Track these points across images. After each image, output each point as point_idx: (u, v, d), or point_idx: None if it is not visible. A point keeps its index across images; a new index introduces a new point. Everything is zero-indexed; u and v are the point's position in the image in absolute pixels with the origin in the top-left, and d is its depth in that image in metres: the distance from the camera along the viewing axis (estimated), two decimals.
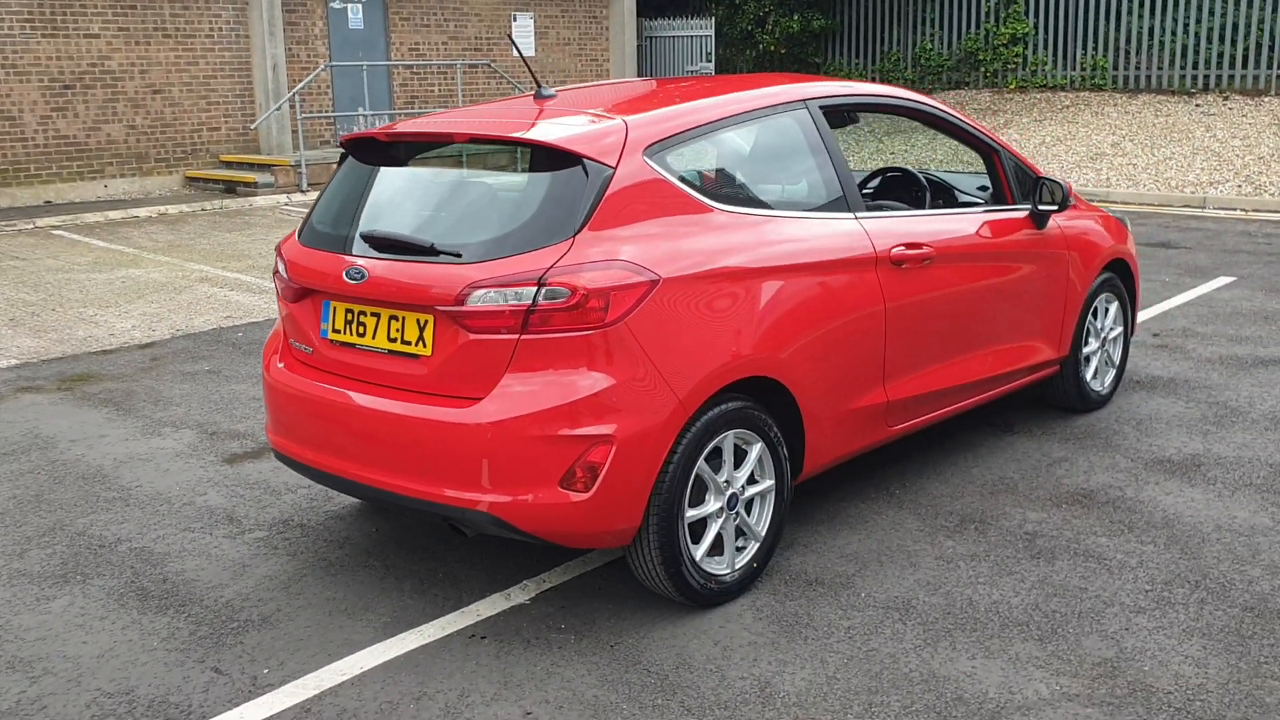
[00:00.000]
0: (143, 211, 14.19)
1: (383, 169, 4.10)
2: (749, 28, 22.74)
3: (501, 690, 3.44)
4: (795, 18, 21.81)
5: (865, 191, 5.68)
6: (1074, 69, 19.40)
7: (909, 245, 4.49)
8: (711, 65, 22.59)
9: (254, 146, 16.70)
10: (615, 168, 3.69)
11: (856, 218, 4.36)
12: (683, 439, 3.67)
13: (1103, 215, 5.85)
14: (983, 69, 20.23)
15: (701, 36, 22.69)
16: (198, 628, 3.88)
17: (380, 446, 3.75)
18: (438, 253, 3.65)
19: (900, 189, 5.58)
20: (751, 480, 4.00)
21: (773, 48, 22.26)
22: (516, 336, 3.51)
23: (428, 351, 3.67)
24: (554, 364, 3.52)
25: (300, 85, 16.03)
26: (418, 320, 3.69)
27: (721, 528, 3.90)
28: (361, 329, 3.86)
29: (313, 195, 15.41)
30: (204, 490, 5.14)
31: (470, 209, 3.79)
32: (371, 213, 3.97)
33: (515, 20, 19.60)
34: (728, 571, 3.92)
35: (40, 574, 4.32)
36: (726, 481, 3.88)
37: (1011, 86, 19.78)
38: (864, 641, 3.66)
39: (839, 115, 4.72)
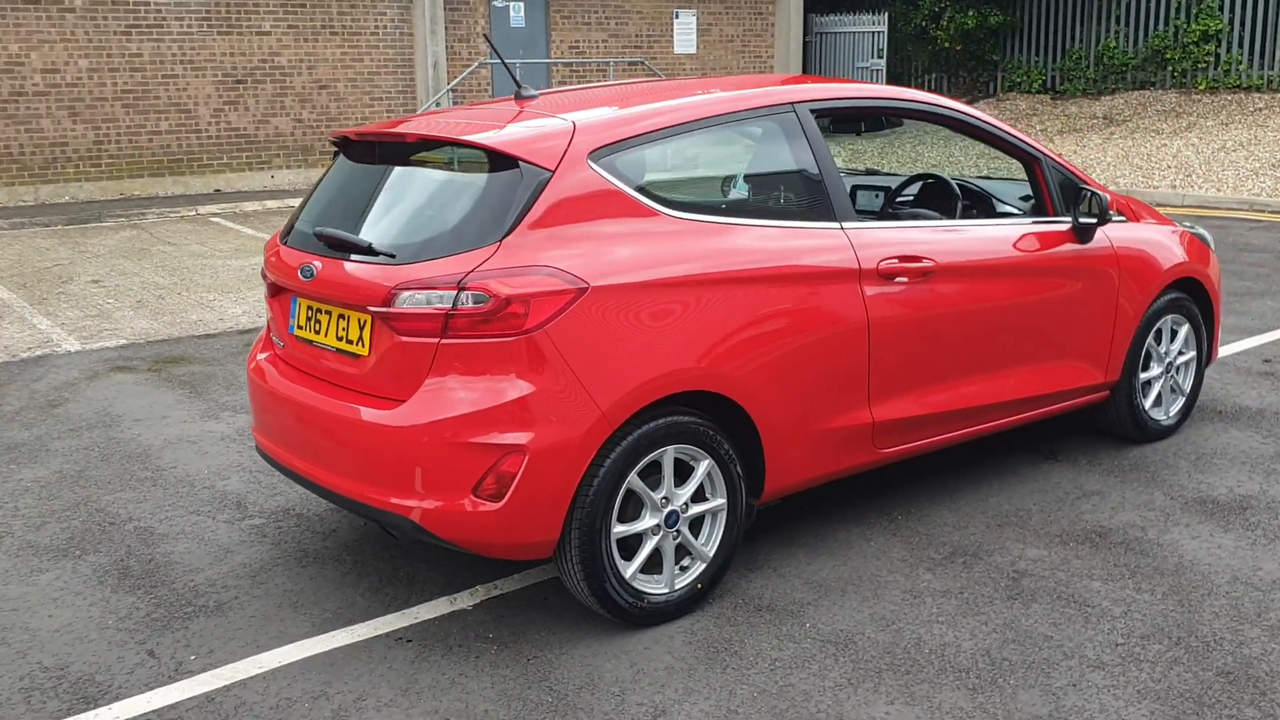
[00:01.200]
0: (274, 203, 14.83)
1: (357, 168, 4.13)
2: (924, 24, 22.07)
3: (398, 697, 3.42)
4: (971, 13, 21.03)
5: (903, 199, 5.40)
6: (1272, 68, 18.03)
7: (904, 258, 4.24)
8: (883, 63, 22.04)
9: None
10: (554, 171, 3.61)
11: (843, 228, 4.14)
12: (610, 452, 3.56)
13: (1176, 231, 5.39)
14: (1170, 68, 19.04)
15: (873, 33, 22.16)
16: (155, 610, 4.00)
17: (322, 444, 3.79)
18: (376, 253, 3.66)
19: (937, 198, 5.27)
20: (700, 498, 3.85)
21: (948, 44, 21.54)
22: (437, 340, 3.48)
23: (365, 352, 3.68)
24: (472, 370, 3.48)
25: (454, 82, 16.46)
26: (359, 320, 3.71)
27: (659, 545, 3.77)
28: (318, 326, 3.91)
29: None
30: (228, 475, 5.32)
31: (413, 210, 3.78)
32: (331, 211, 4.01)
33: (678, 17, 19.59)
34: (664, 591, 3.79)
35: (47, 547, 4.55)
36: (665, 498, 3.75)
37: (1201, 87, 18.54)
38: (784, 675, 3.47)
39: (852, 119, 4.49)
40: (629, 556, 3.73)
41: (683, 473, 3.81)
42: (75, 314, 8.73)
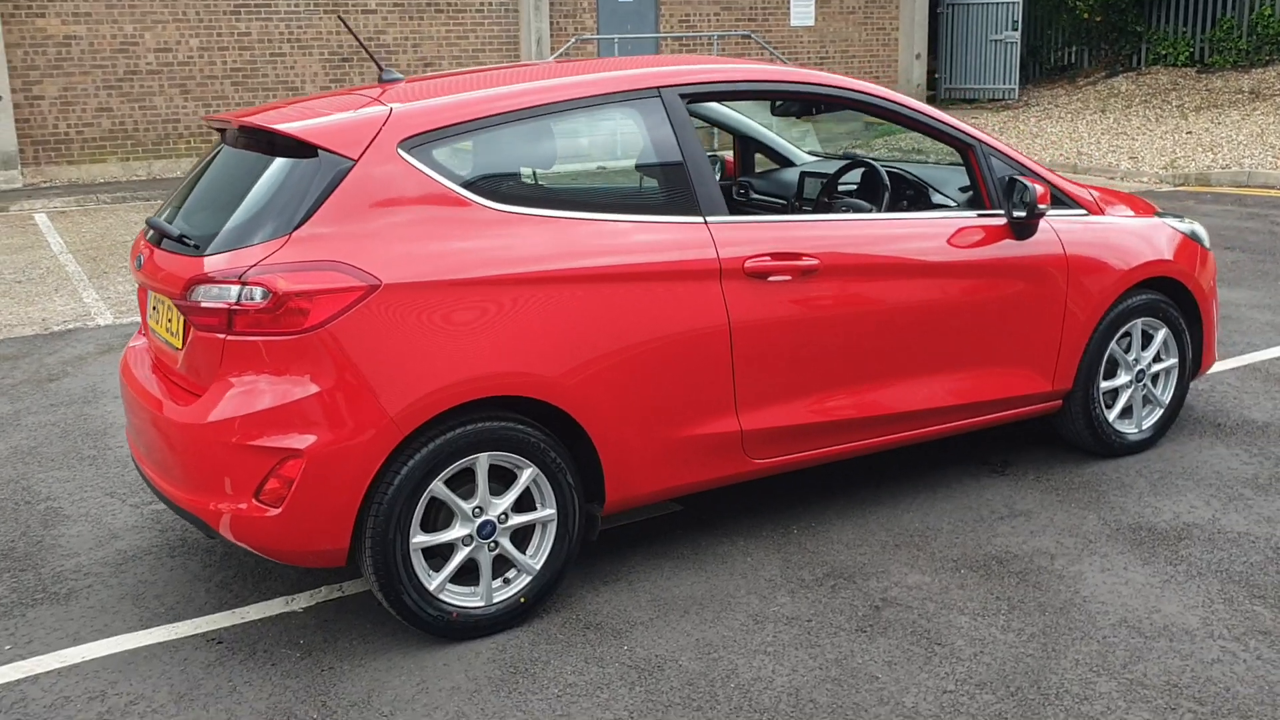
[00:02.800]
0: None
1: (217, 153, 4.04)
2: None
3: (170, 703, 3.34)
4: None
5: (845, 186, 5.01)
6: None
7: (779, 255, 3.91)
8: (1017, 35, 20.96)
9: None
10: (356, 160, 3.44)
11: (706, 222, 3.84)
12: (406, 459, 3.39)
13: (1157, 226, 4.86)
14: None
15: (1008, 4, 21.08)
16: (8, 594, 4.03)
17: (146, 438, 3.74)
18: (185, 243, 3.56)
19: (871, 187, 4.88)
20: (527, 507, 3.64)
21: (1087, 15, 20.32)
22: (225, 336, 3.36)
23: (180, 345, 3.60)
24: (255, 368, 3.35)
25: (553, 57, 16.37)
26: (178, 312, 3.63)
27: (475, 557, 3.58)
28: (158, 317, 3.85)
29: None
30: None
31: (225, 200, 3.65)
32: (191, 198, 3.93)
33: None
34: (480, 605, 3.60)
35: None
36: (479, 507, 3.55)
37: None
38: (568, 704, 3.25)
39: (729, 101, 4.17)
40: (441, 567, 3.55)
41: (505, 481, 3.61)
42: (126, 289, 9.01)
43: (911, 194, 4.82)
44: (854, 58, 19.79)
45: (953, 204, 4.68)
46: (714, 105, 5.54)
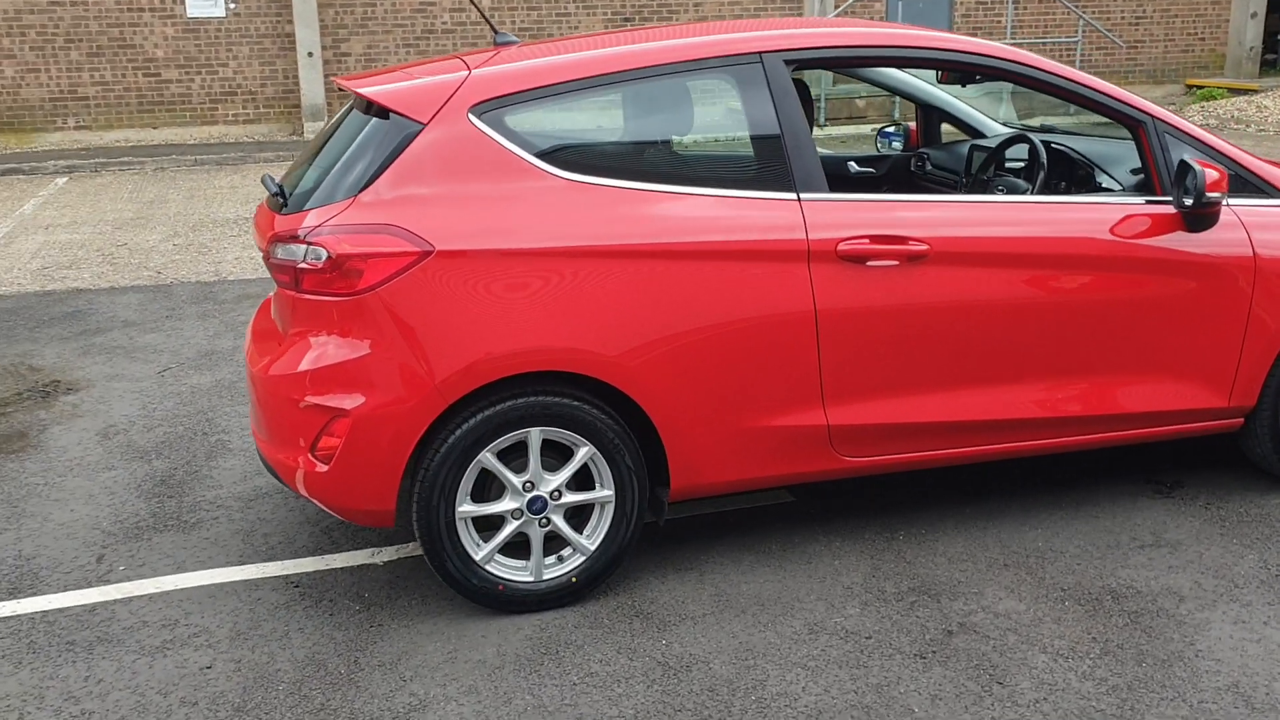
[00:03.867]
0: None
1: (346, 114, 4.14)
2: None
3: (226, 639, 3.49)
4: None
5: (1014, 164, 4.53)
6: None
7: (880, 239, 3.59)
8: None
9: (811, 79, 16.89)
10: (426, 124, 3.43)
11: (800, 199, 3.58)
12: (454, 427, 3.37)
13: None
14: None
15: None
16: (148, 519, 4.35)
17: (250, 391, 3.92)
18: (279, 199, 3.68)
19: (1035, 165, 4.37)
20: (586, 486, 3.56)
21: None
22: (294, 294, 3.46)
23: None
24: (319, 327, 3.43)
25: (834, 13, 15.89)
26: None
27: (525, 531, 3.53)
28: None
29: (827, 131, 15.35)
30: None
31: (324, 162, 3.73)
32: (301, 158, 4.06)
33: None
34: (529, 580, 3.56)
35: (140, 448, 5.08)
36: (530, 482, 3.49)
37: None
38: (578, 695, 3.15)
39: (845, 69, 3.85)
40: (488, 538, 3.53)
41: (562, 457, 3.53)
42: None
43: (1079, 175, 4.30)
44: (1175, 17, 18.06)
45: (1119, 187, 4.14)
46: (892, 70, 5.16)
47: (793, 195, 3.59)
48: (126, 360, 6.31)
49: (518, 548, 3.58)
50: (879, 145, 5.58)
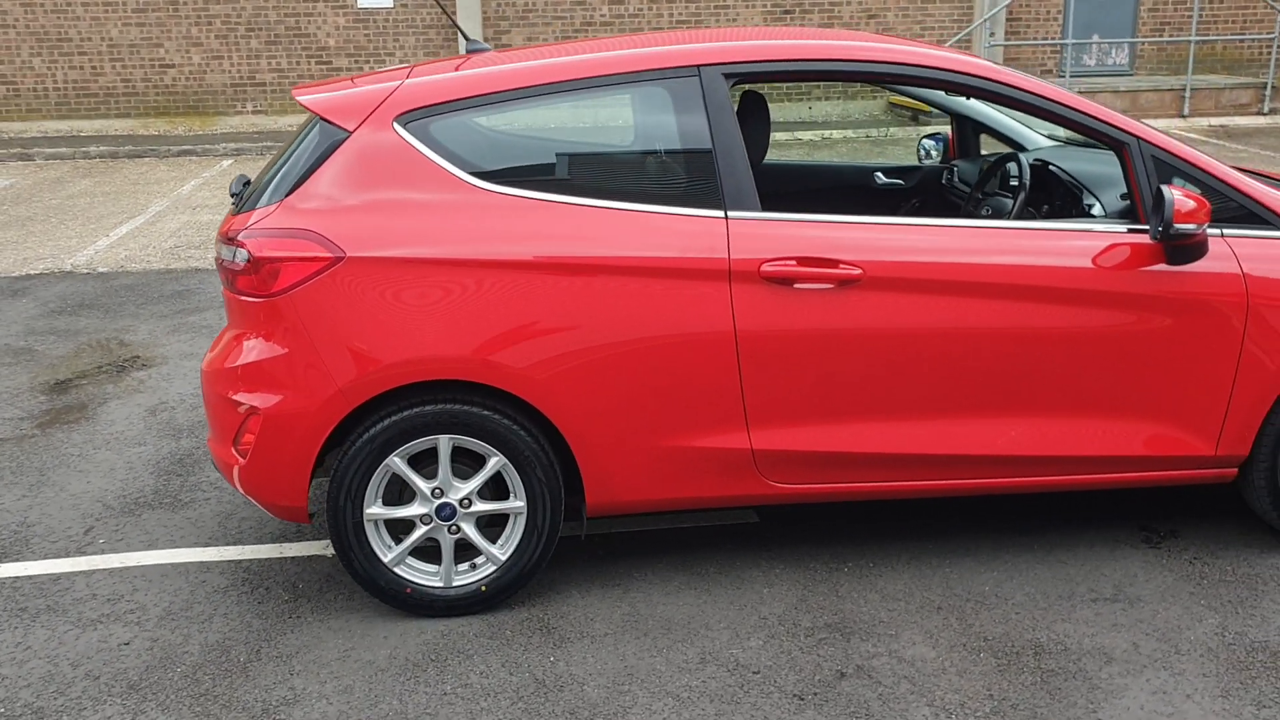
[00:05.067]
0: (809, 135, 14.88)
1: None
2: None
3: (156, 617, 3.67)
4: None
5: (1014, 184, 4.26)
6: None
7: (809, 260, 3.46)
8: None
9: None
10: (352, 132, 3.50)
11: (726, 217, 3.48)
12: (362, 430, 3.44)
13: None
14: None
15: None
16: (150, 496, 4.61)
17: None
18: (238, 203, 3.82)
19: (1038, 184, 4.09)
20: (500, 495, 3.57)
21: None
22: (229, 293, 3.60)
23: None
24: (245, 326, 3.55)
25: (995, 10, 15.26)
26: None
27: (435, 537, 3.57)
28: None
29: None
30: None
31: (277, 166, 3.83)
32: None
33: None
34: (439, 585, 3.60)
35: (179, 426, 5.38)
36: (439, 489, 3.53)
37: None
38: (443, 704, 3.17)
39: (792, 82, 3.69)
40: (399, 541, 3.59)
41: (475, 465, 3.56)
42: None
43: (1064, 197, 4.01)
44: None
45: (1102, 213, 3.85)
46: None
47: (720, 213, 3.49)
48: (207, 340, 6.67)
49: (434, 553, 3.63)
50: (919, 155, 5.35)
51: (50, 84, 15.39)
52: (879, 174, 5.12)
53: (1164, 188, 3.43)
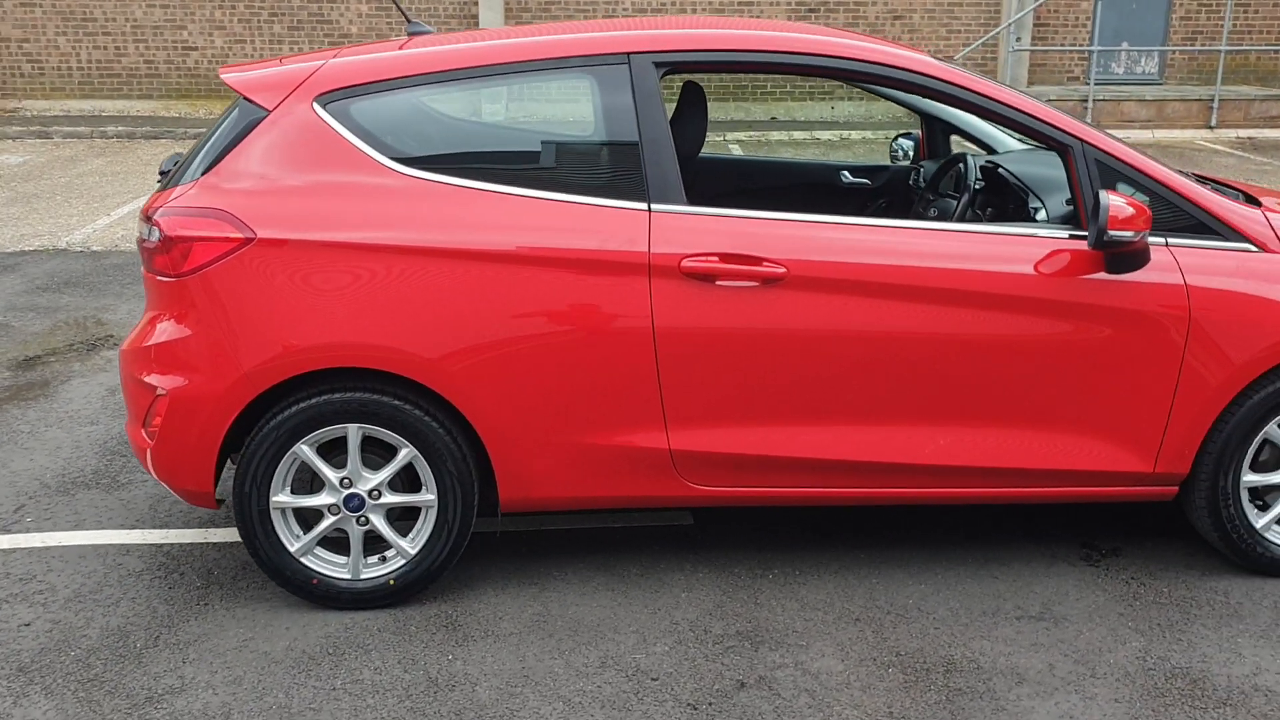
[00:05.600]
0: (828, 134, 14.71)
1: None
2: None
3: (64, 599, 3.62)
4: None
5: (978, 184, 4.13)
6: None
7: (731, 257, 3.35)
8: None
9: (991, 78, 16.06)
10: (270, 111, 3.43)
11: (649, 210, 3.39)
12: (269, 416, 3.38)
13: None
14: None
15: None
16: (90, 477, 4.58)
17: None
18: (162, 181, 3.77)
19: (992, 188, 3.96)
20: (413, 488, 3.50)
21: None
22: (146, 271, 3.54)
23: None
24: (157, 307, 3.50)
25: (1021, 13, 15.02)
26: None
27: (344, 528, 3.50)
28: None
29: None
30: None
31: (200, 145, 3.77)
32: None
33: None
34: (346, 577, 3.53)
35: None
36: (347, 479, 3.46)
37: None
38: (330, 699, 3.10)
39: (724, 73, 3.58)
40: (308, 530, 3.52)
41: (386, 456, 3.48)
42: None
43: (1014, 201, 3.88)
44: None
45: (1045, 217, 3.71)
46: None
47: (643, 205, 3.40)
48: None
49: (344, 544, 3.56)
50: (893, 154, 5.23)
51: (74, 63, 15.50)
52: (845, 173, 5.00)
53: (1102, 193, 3.30)
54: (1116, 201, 3.27)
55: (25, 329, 6.48)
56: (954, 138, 4.98)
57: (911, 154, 5.10)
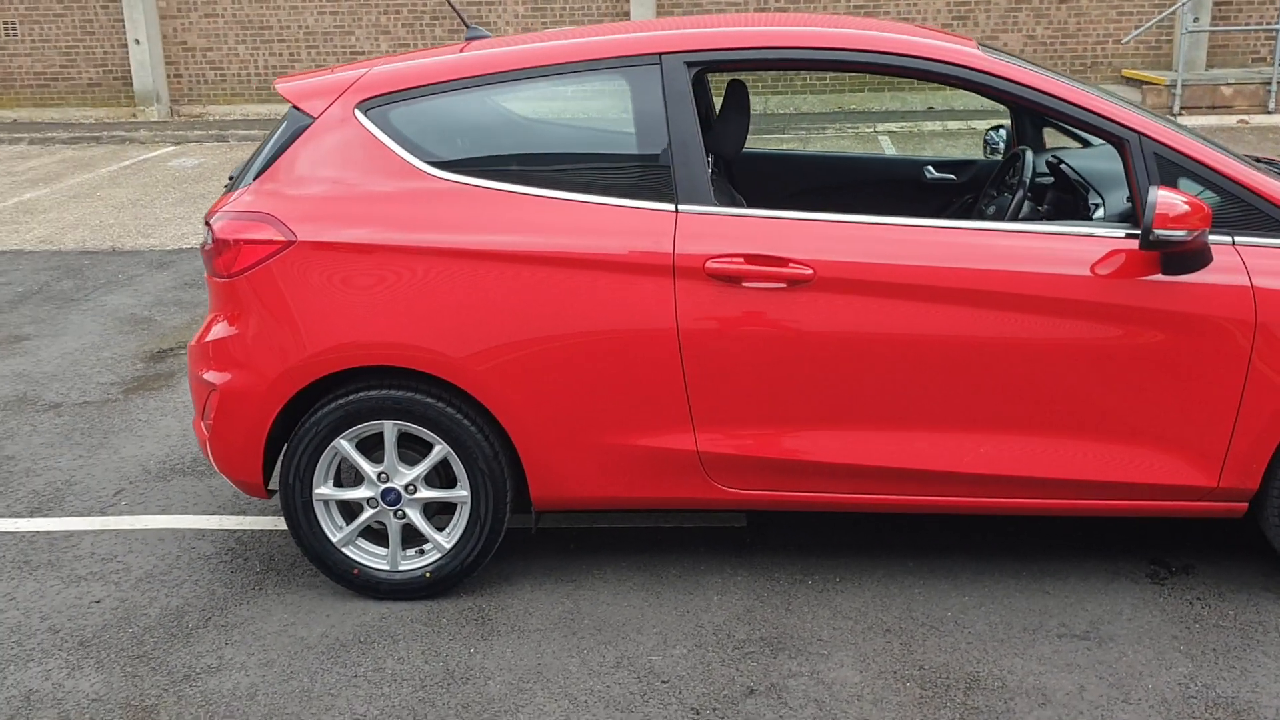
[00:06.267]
0: (983, 124, 14.22)
1: None
2: None
3: (135, 579, 3.85)
4: None
5: (1044, 179, 3.94)
6: None
7: (755, 259, 3.30)
8: None
9: (1165, 61, 15.28)
10: (316, 118, 3.56)
11: (677, 210, 3.37)
12: (313, 412, 3.51)
13: None
14: None
15: None
16: (189, 463, 4.85)
17: None
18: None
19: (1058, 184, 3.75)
20: (440, 483, 3.58)
21: None
22: (208, 273, 3.73)
23: None
24: (215, 307, 3.68)
25: None
26: None
27: (382, 520, 3.61)
28: None
29: (1185, 120, 13.76)
30: None
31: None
32: None
33: None
34: (386, 569, 3.63)
35: None
36: (384, 473, 3.56)
37: None
38: (348, 687, 3.21)
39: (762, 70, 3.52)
40: (350, 521, 3.65)
41: (421, 452, 3.57)
42: None
43: (1071, 197, 3.68)
44: None
45: (1102, 215, 3.51)
46: None
47: (670, 206, 3.38)
48: None
49: (387, 536, 3.66)
50: (986, 148, 5.04)
51: (252, 69, 16.36)
52: (929, 168, 4.84)
53: (1153, 188, 3.11)
54: (1168, 198, 3.07)
55: (165, 323, 6.89)
56: (1046, 130, 4.76)
57: (1003, 147, 4.90)
